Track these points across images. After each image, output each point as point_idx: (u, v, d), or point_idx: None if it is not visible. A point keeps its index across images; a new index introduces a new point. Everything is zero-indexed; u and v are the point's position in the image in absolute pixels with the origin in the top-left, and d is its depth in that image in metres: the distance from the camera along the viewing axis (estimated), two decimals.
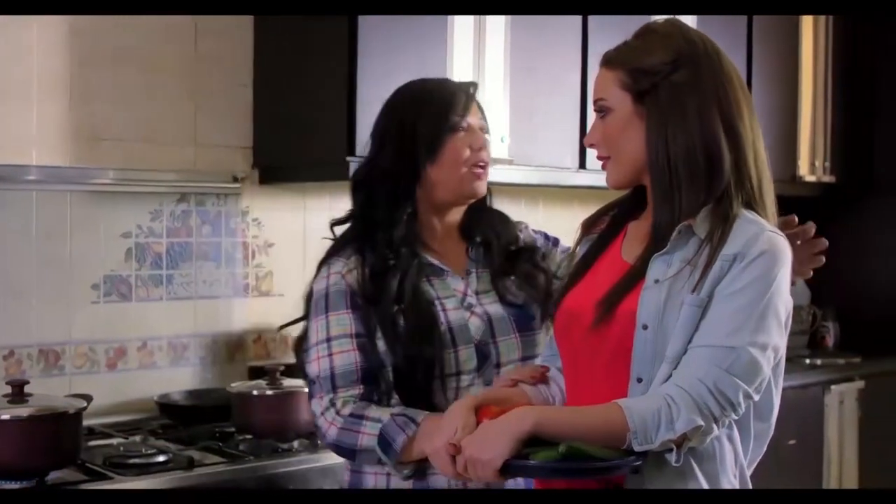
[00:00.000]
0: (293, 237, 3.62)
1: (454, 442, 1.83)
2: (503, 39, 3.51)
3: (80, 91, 3.18)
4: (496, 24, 3.49)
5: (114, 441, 2.95)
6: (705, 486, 1.82)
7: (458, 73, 3.37)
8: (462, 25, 3.41)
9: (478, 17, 3.43)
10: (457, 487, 2.09)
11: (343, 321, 2.16)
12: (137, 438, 3.00)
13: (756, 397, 1.81)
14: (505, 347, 2.21)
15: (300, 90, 3.39)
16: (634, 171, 1.91)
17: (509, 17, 3.51)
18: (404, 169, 2.19)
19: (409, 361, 2.12)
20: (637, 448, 1.74)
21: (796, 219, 2.00)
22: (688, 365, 1.77)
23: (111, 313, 3.25)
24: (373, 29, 3.20)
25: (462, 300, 2.22)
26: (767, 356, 1.79)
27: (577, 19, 3.75)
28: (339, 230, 2.34)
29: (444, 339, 2.15)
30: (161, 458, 2.73)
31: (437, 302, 2.19)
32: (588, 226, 2.07)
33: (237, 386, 3.02)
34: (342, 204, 3.66)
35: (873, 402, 4.67)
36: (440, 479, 2.08)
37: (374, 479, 2.17)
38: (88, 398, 2.70)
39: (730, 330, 1.76)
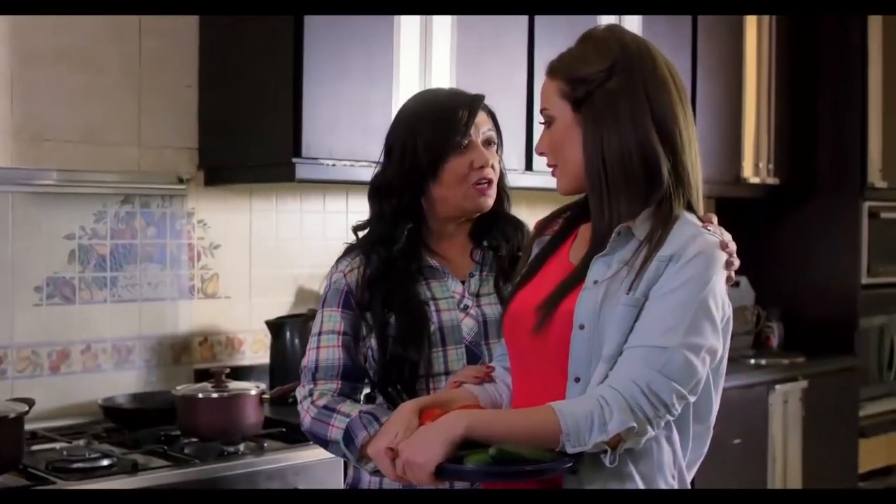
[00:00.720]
0: (239, 239, 3.60)
1: (392, 446, 1.84)
2: (449, 41, 3.51)
3: (21, 91, 3.14)
4: (442, 26, 3.49)
5: (57, 445, 2.91)
6: (641, 486, 1.83)
7: (405, 75, 3.37)
8: (408, 27, 3.40)
9: (424, 18, 3.43)
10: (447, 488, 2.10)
11: (334, 318, 2.22)
12: (81, 442, 2.96)
13: (691, 398, 1.81)
14: None
15: (246, 91, 3.37)
16: (580, 177, 1.93)
17: (455, 18, 3.51)
18: (408, 185, 2.22)
19: (396, 360, 2.16)
20: (570, 450, 1.75)
21: (714, 218, 2.01)
22: (622, 366, 1.78)
23: (54, 316, 3.21)
24: (319, 30, 3.19)
25: (459, 302, 2.24)
26: (702, 357, 1.80)
27: (524, 20, 3.76)
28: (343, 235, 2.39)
29: (432, 338, 2.18)
30: (105, 463, 2.70)
31: (430, 303, 2.22)
32: (541, 228, 2.09)
33: (182, 389, 3.00)
34: (289, 205, 3.70)
35: (817, 401, 4.73)
36: None
37: (367, 479, 2.19)
38: (31, 402, 2.67)
39: (663, 330, 1.77)
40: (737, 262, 1.92)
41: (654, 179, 1.86)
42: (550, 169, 1.99)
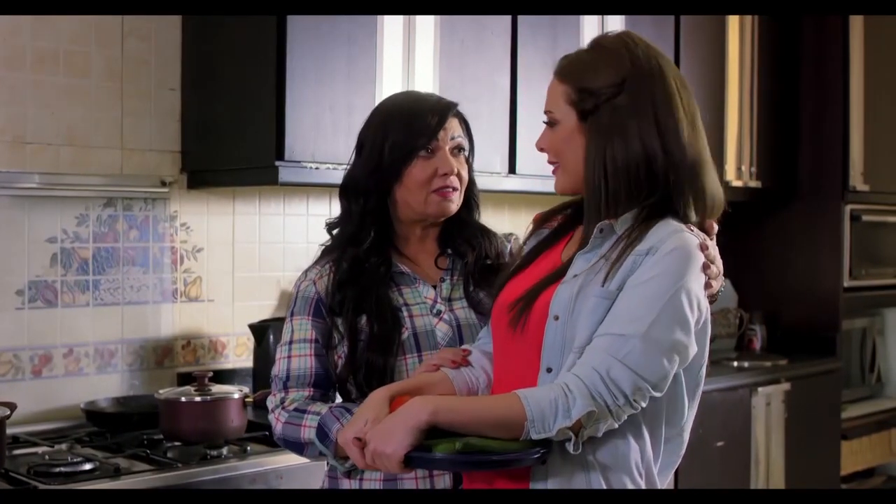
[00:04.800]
0: (222, 242, 3.59)
1: (360, 435, 1.85)
2: (432, 43, 3.51)
3: (3, 94, 3.12)
4: (425, 28, 3.49)
5: (39, 449, 2.90)
6: (602, 483, 1.83)
7: (388, 77, 3.37)
8: (391, 29, 3.40)
9: (407, 20, 3.43)
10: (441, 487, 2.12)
11: (304, 327, 2.21)
12: (63, 447, 2.95)
13: (655, 394, 1.81)
14: None
15: (229, 94, 3.36)
16: (579, 180, 1.94)
17: (438, 20, 3.51)
18: (374, 186, 2.22)
19: (367, 365, 2.15)
20: (535, 436, 1.76)
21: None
22: (587, 354, 1.80)
23: (36, 319, 3.20)
24: (301, 33, 3.19)
25: (431, 307, 2.23)
26: (668, 353, 1.80)
27: (507, 22, 3.76)
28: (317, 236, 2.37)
29: (407, 344, 2.18)
30: (87, 467, 2.69)
31: (403, 308, 2.21)
32: (541, 221, 2.11)
33: (165, 392, 2.99)
34: (272, 208, 3.69)
35: (799, 403, 4.74)
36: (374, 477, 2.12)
37: (348, 485, 2.17)
38: (13, 406, 2.66)
39: (628, 319, 1.79)
40: (714, 268, 1.90)
41: (653, 189, 1.88)
42: (552, 166, 2.00)
